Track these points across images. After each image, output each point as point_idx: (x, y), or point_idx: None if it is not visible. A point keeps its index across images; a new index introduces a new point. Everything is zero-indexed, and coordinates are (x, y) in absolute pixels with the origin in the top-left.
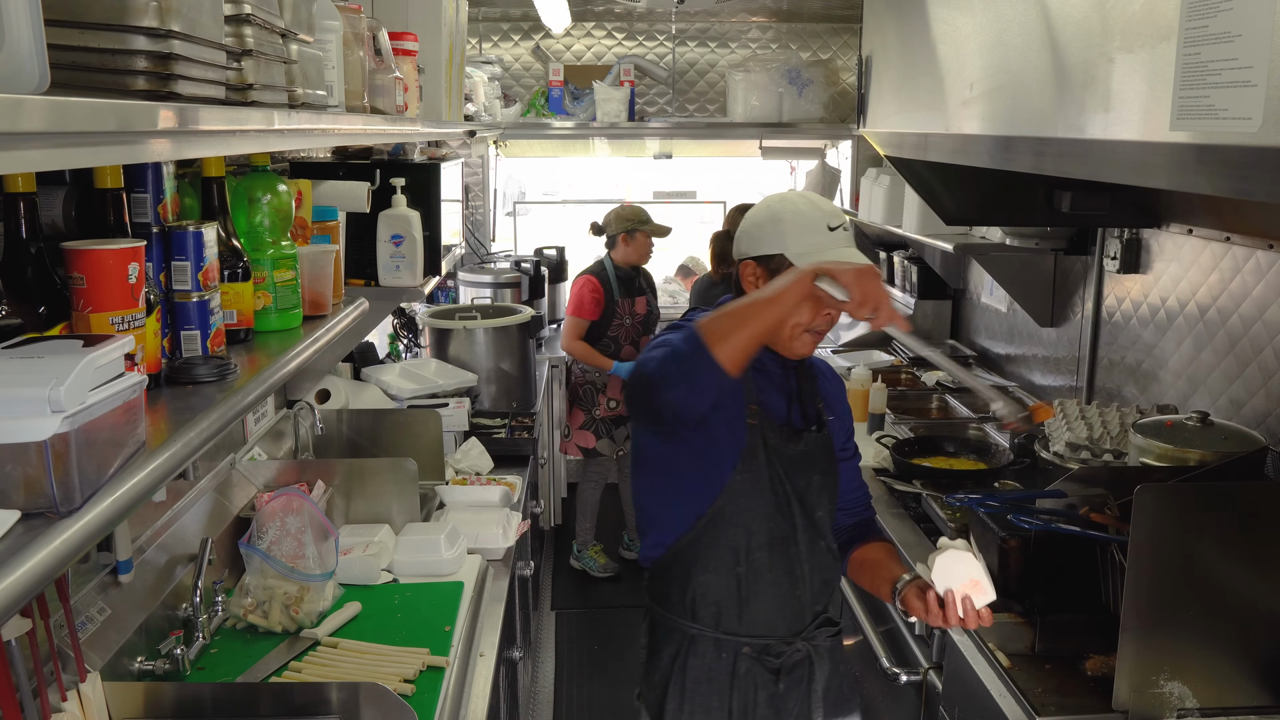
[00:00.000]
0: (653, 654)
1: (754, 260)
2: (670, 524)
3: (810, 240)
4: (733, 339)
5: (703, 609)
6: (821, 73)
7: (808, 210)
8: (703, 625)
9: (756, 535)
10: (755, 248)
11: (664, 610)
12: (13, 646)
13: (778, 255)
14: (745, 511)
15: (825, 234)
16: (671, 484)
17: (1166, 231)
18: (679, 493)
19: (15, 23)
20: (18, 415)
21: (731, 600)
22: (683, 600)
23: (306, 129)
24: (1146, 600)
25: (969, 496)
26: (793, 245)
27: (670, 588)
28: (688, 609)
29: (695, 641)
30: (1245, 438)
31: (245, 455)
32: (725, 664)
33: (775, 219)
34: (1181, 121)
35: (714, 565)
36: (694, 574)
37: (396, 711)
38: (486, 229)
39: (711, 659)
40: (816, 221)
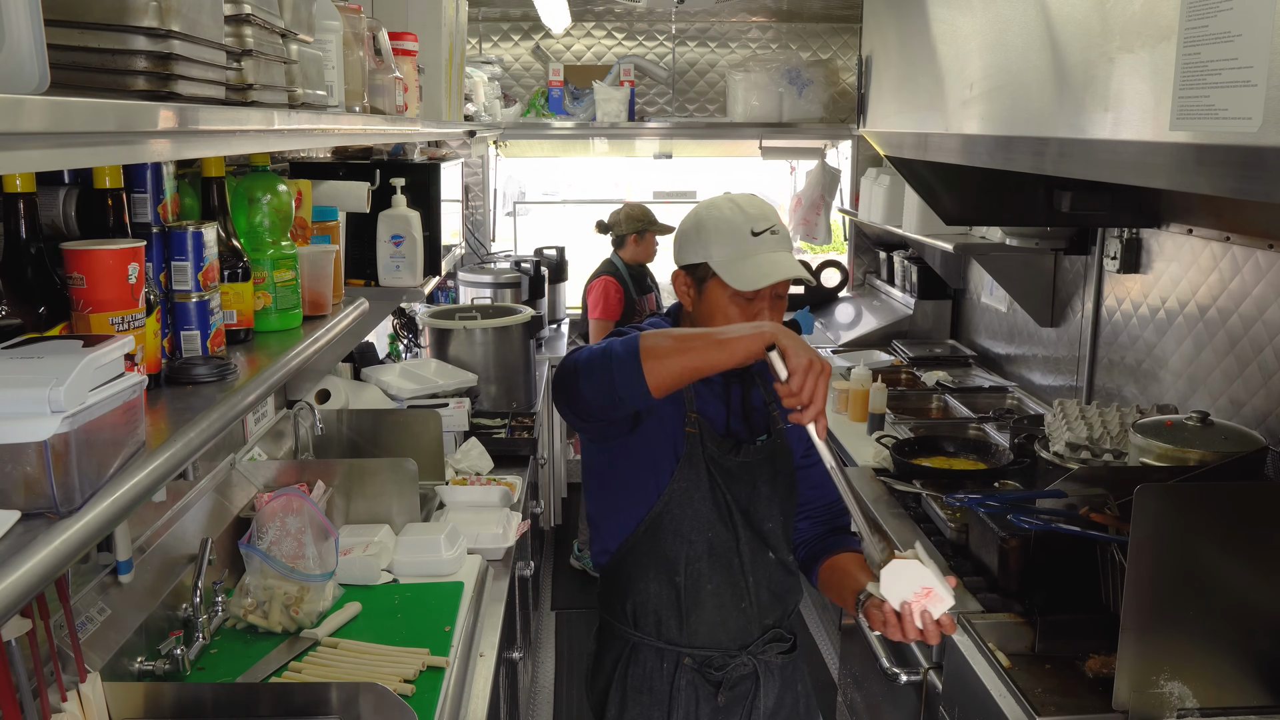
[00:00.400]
0: (597, 659)
1: (683, 269)
2: (612, 530)
3: (732, 247)
4: (667, 364)
5: (643, 617)
6: (821, 73)
7: (731, 216)
8: (644, 634)
9: (696, 545)
10: (682, 256)
11: (608, 617)
12: (13, 646)
13: (702, 264)
14: (684, 520)
15: (748, 240)
16: (611, 489)
17: (1166, 231)
18: (618, 498)
19: (15, 23)
20: (18, 415)
21: (672, 610)
22: (624, 607)
23: (306, 129)
24: (1146, 600)
25: (969, 496)
26: (715, 253)
27: (614, 594)
28: (629, 616)
29: (637, 650)
30: (1245, 438)
31: (245, 455)
32: (666, 674)
33: (699, 226)
34: (1181, 121)
35: (654, 573)
36: (635, 581)
37: (396, 711)
38: (486, 229)
39: (653, 668)
40: (739, 227)
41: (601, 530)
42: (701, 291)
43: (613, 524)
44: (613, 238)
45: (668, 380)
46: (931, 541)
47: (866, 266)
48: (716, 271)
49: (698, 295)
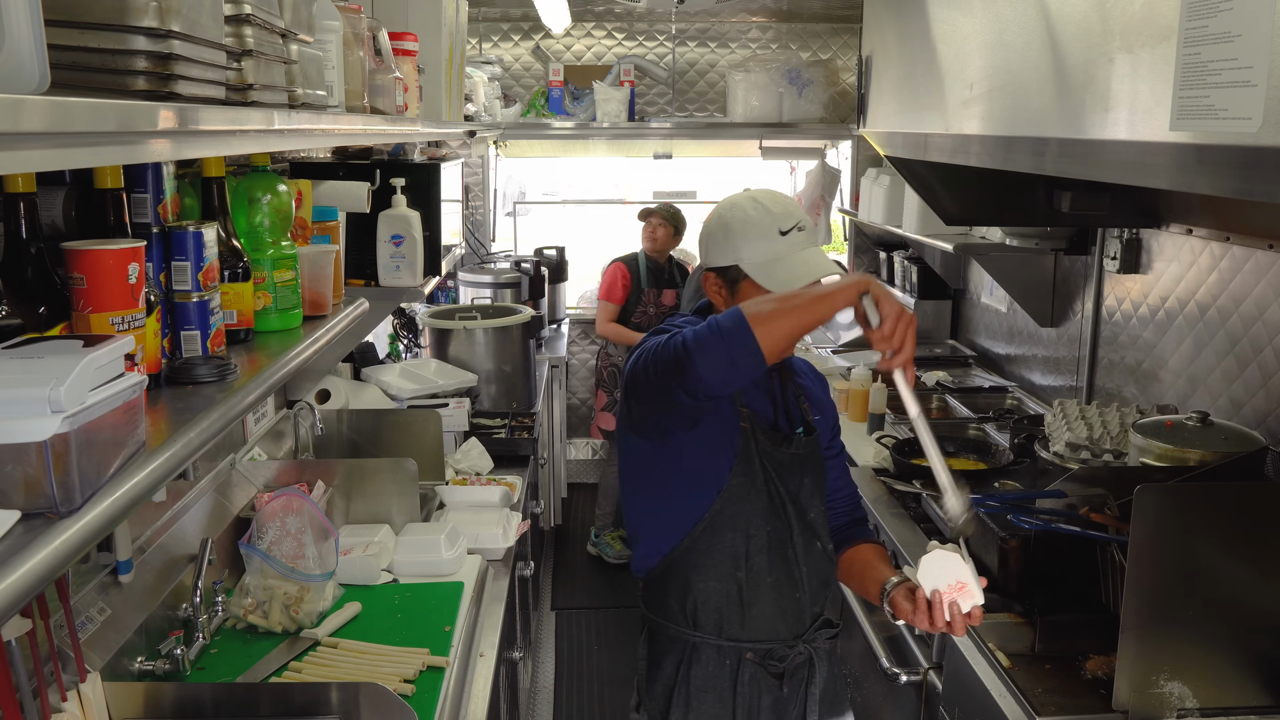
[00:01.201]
0: (654, 665)
1: (713, 272)
2: (665, 532)
3: (764, 248)
4: (778, 325)
5: (704, 616)
6: (821, 73)
7: (757, 216)
8: (705, 633)
9: (755, 539)
10: (711, 259)
11: (663, 620)
12: (13, 646)
13: (733, 266)
14: (742, 515)
15: (778, 239)
16: (664, 491)
17: (1166, 231)
18: (671, 500)
19: (15, 23)
20: (18, 415)
21: (733, 606)
22: (683, 608)
23: (306, 129)
24: (1146, 600)
25: (969, 496)
26: (745, 255)
27: (669, 597)
28: (689, 617)
29: (698, 650)
30: (1245, 438)
31: (245, 455)
32: (729, 671)
33: (725, 229)
34: (1181, 121)
35: (713, 571)
36: (693, 581)
37: (396, 711)
38: (486, 229)
39: (715, 667)
40: (766, 227)
41: (650, 534)
42: (735, 293)
43: (665, 526)
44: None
45: (781, 341)
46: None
47: (866, 266)
48: (749, 274)
49: (731, 297)
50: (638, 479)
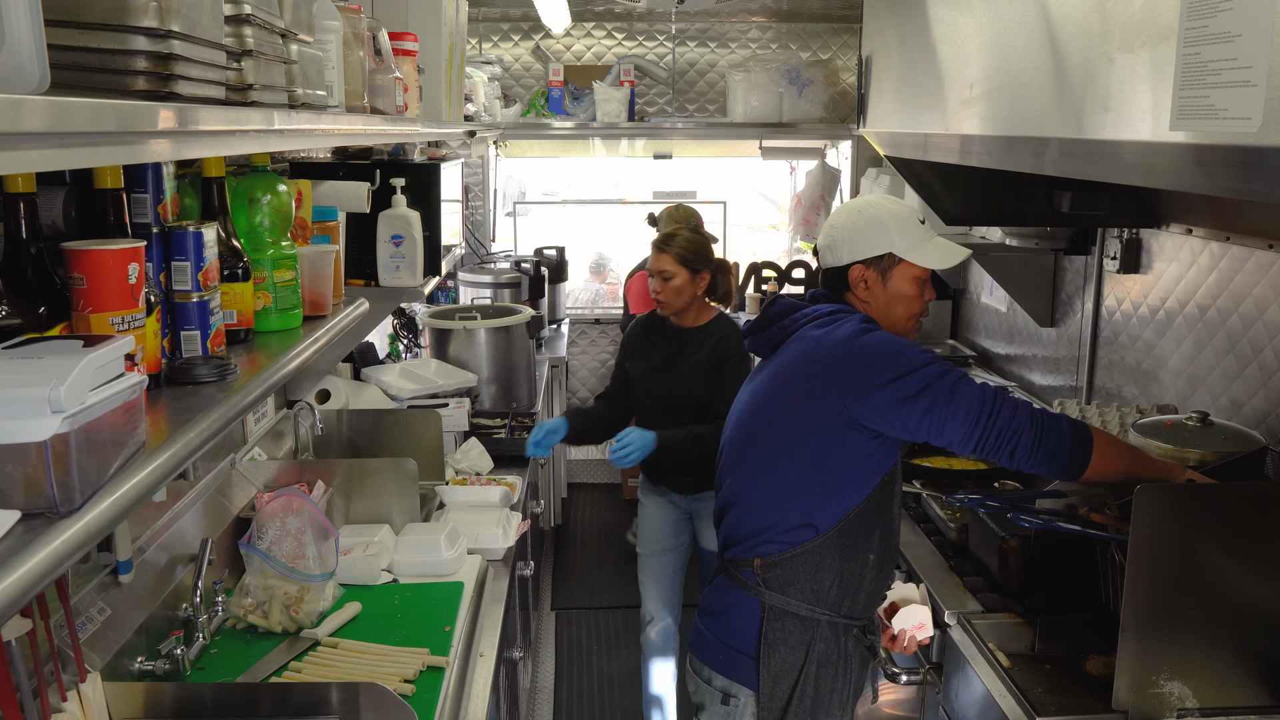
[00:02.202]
0: (779, 644)
1: (862, 264)
2: (819, 515)
3: (911, 235)
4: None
5: (833, 595)
6: (821, 73)
7: (900, 210)
8: (829, 611)
9: (888, 524)
10: (860, 252)
11: (792, 599)
12: (13, 646)
13: (886, 254)
14: (886, 501)
15: (920, 228)
16: (830, 477)
17: (1166, 231)
18: (836, 485)
19: (15, 23)
20: (18, 415)
21: (858, 585)
22: (816, 588)
23: (306, 129)
24: (1146, 600)
25: (969, 496)
26: (899, 243)
27: (804, 577)
28: (821, 596)
29: (820, 627)
30: (1245, 438)
31: (245, 455)
32: (841, 646)
33: (876, 221)
34: (1181, 121)
35: (854, 553)
36: (836, 563)
37: (396, 711)
38: (486, 229)
39: (833, 643)
40: (909, 218)
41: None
42: (887, 279)
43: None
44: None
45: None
46: (931, 542)
47: None
48: (905, 257)
49: (883, 284)
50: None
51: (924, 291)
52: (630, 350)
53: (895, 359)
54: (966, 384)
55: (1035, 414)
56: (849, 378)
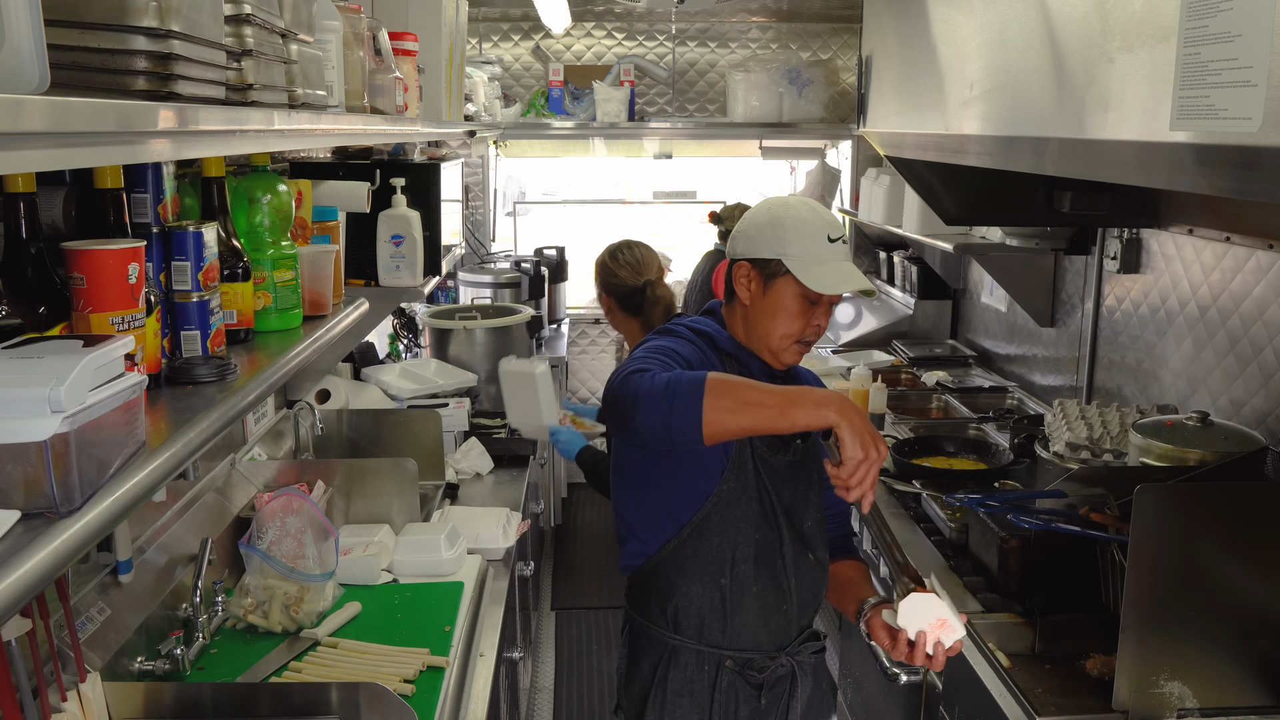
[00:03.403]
0: (632, 665)
1: (749, 262)
2: (652, 533)
3: (810, 249)
4: (731, 417)
5: (685, 620)
6: (821, 73)
7: (810, 218)
8: (685, 637)
9: (742, 546)
10: (752, 249)
11: (645, 620)
12: (13, 646)
13: (775, 260)
14: (731, 522)
15: (825, 244)
16: (653, 492)
17: (1166, 231)
18: (661, 501)
19: (15, 23)
20: (18, 415)
21: (716, 612)
22: (664, 611)
23: (306, 129)
24: (1146, 600)
25: (969, 496)
26: (792, 251)
27: (651, 598)
28: (669, 620)
29: (677, 653)
30: (1245, 438)
31: (245, 455)
32: (707, 677)
33: (777, 223)
34: (1181, 121)
35: (698, 576)
36: (677, 585)
37: (396, 711)
38: (486, 229)
39: (693, 671)
40: (818, 230)
41: (638, 532)
42: (768, 287)
43: (652, 527)
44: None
45: (725, 434)
46: (931, 542)
47: (866, 266)
48: (791, 270)
49: (762, 290)
50: (627, 479)
51: (810, 315)
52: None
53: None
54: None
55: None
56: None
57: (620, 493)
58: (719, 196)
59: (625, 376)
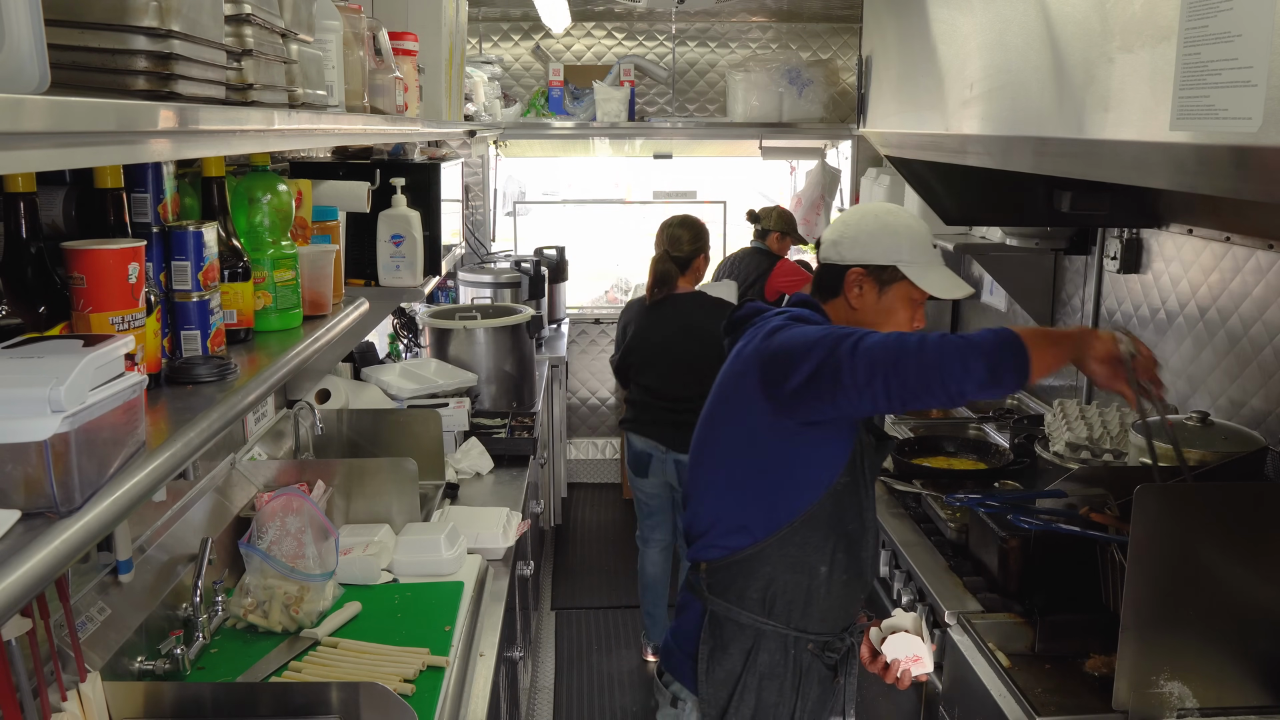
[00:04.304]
0: (719, 650)
1: (863, 269)
2: (758, 523)
3: (921, 255)
4: (1049, 356)
5: (780, 606)
6: (821, 73)
7: (918, 226)
8: (776, 622)
9: (843, 537)
10: (865, 256)
11: (735, 606)
12: (13, 646)
13: (890, 266)
14: (839, 512)
15: (932, 252)
16: (768, 483)
17: (1166, 231)
18: (775, 492)
19: (15, 23)
20: (18, 415)
21: (809, 599)
22: (761, 597)
23: (306, 129)
24: (1146, 600)
25: (969, 496)
26: (907, 257)
27: (748, 585)
28: (765, 606)
29: (765, 637)
30: (1245, 438)
31: (245, 455)
32: (792, 660)
33: (890, 230)
34: (1181, 121)
35: (801, 564)
36: (778, 572)
37: (396, 711)
38: (486, 229)
39: (780, 655)
40: (926, 238)
41: (740, 522)
42: (882, 292)
43: (758, 515)
44: (760, 228)
45: (1046, 373)
46: (931, 542)
47: None
48: (908, 276)
49: (877, 295)
50: (739, 464)
51: (915, 315)
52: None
53: (801, 341)
54: (872, 340)
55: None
56: (763, 376)
57: (717, 479)
58: (719, 196)
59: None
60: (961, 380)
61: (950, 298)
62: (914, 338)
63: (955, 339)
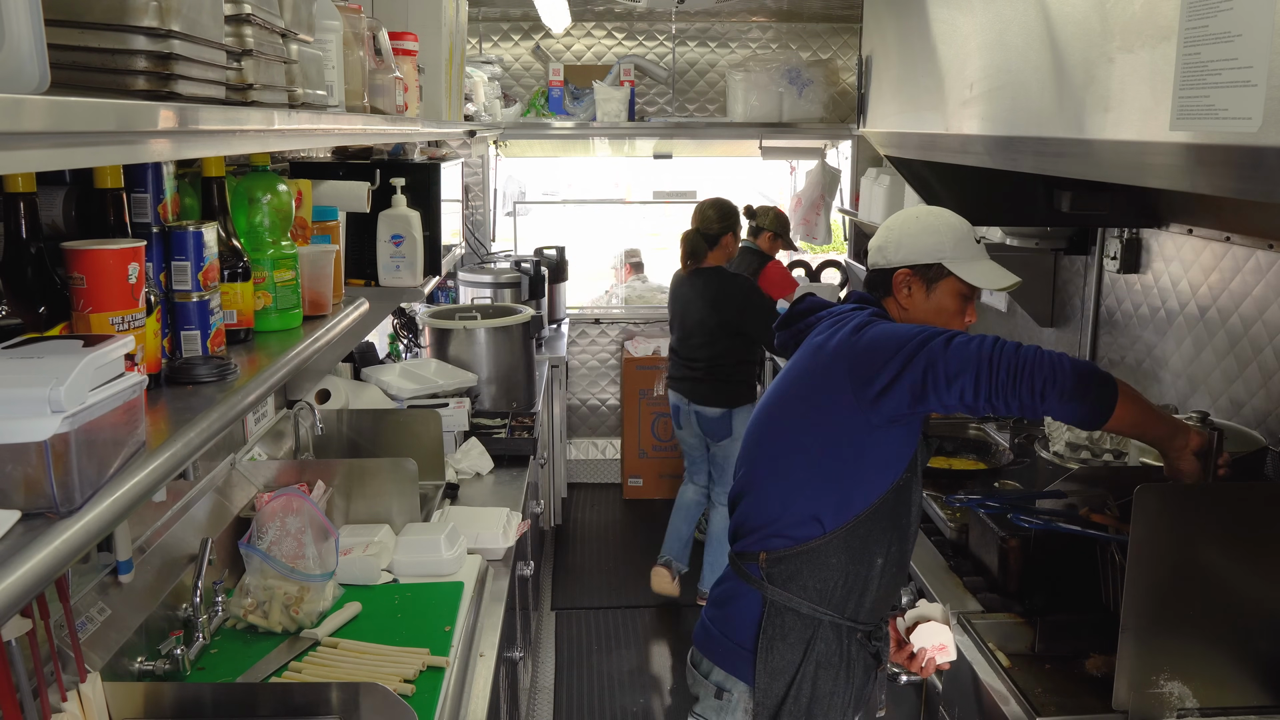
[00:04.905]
0: (779, 639)
1: (909, 269)
2: (827, 515)
3: (966, 251)
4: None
5: (837, 596)
6: (821, 73)
7: (959, 224)
8: (833, 612)
9: (899, 531)
10: (912, 257)
11: (796, 595)
12: (13, 646)
13: (936, 264)
14: (899, 506)
15: (975, 246)
16: (839, 476)
17: (1166, 231)
18: (847, 486)
19: (15, 23)
20: (18, 415)
21: (864, 589)
22: (821, 587)
23: (306, 129)
24: (1146, 600)
25: (969, 496)
26: (951, 254)
27: (809, 575)
28: (825, 596)
29: (822, 627)
30: (1245, 438)
31: (245, 455)
32: (844, 648)
33: (932, 230)
34: (1181, 121)
35: (860, 557)
36: (841, 564)
37: (396, 712)
38: (486, 229)
39: (834, 644)
40: (968, 234)
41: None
42: (931, 290)
43: (829, 508)
44: (754, 225)
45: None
46: (931, 542)
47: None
48: (954, 271)
49: (925, 293)
50: (814, 457)
51: (966, 310)
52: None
53: (892, 339)
54: (964, 338)
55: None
56: (851, 371)
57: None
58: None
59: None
60: (1045, 387)
61: (997, 288)
62: (1009, 341)
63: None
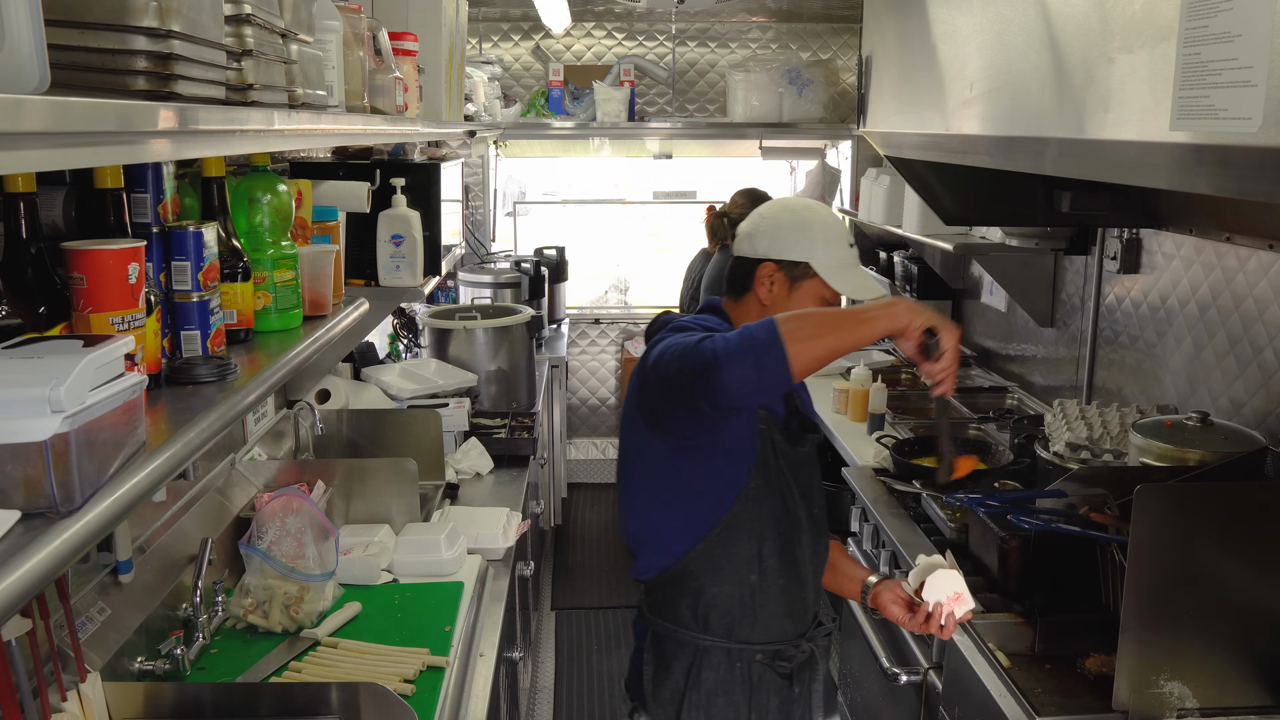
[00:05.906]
0: (661, 670)
1: (775, 263)
2: (678, 537)
3: (836, 254)
4: (813, 345)
5: (716, 620)
6: (821, 73)
7: (834, 224)
8: (715, 636)
9: (769, 542)
10: (779, 251)
11: (671, 624)
12: (13, 646)
13: (803, 263)
14: (758, 518)
15: (848, 250)
16: (679, 497)
17: (1166, 231)
18: (687, 505)
19: (15, 23)
20: (18, 415)
21: (745, 609)
22: (694, 613)
23: (306, 129)
24: (1146, 600)
25: (969, 496)
26: (820, 255)
27: (679, 601)
28: (700, 621)
29: (708, 653)
30: (1245, 438)
31: (245, 455)
32: (740, 673)
33: (804, 225)
34: (1181, 121)
35: (729, 575)
36: (706, 586)
37: (396, 711)
38: (486, 229)
39: (726, 670)
40: (842, 236)
41: (661, 539)
42: (793, 289)
43: (678, 531)
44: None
45: (813, 363)
46: (931, 542)
47: (866, 266)
48: (820, 274)
49: (787, 292)
50: (650, 481)
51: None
52: None
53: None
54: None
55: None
56: (639, 397)
57: (637, 498)
58: (719, 197)
59: (687, 347)
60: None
61: (861, 298)
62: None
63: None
